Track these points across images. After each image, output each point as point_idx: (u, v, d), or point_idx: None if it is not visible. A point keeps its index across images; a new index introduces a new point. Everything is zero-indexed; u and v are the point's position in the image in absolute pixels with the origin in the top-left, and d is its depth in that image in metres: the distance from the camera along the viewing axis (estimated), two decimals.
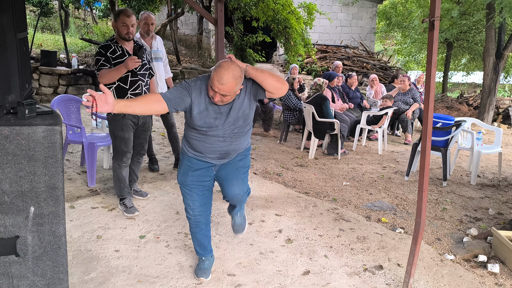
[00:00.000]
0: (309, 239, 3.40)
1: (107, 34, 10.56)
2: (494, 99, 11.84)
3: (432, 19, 2.30)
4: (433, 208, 4.29)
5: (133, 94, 3.51)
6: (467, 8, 12.53)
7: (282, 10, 8.89)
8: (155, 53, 4.57)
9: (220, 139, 2.44)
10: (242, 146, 2.58)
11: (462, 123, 5.19)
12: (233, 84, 2.18)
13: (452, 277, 2.94)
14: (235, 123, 2.42)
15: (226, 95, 2.20)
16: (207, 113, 2.35)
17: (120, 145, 3.57)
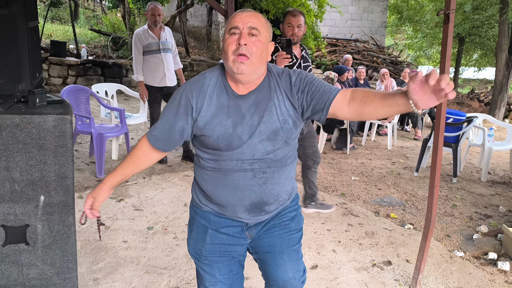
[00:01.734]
0: (317, 234, 3.39)
1: (116, 25, 10.57)
2: (506, 95, 11.69)
3: (448, 11, 2.25)
4: (443, 204, 4.25)
5: None
6: (480, 2, 12.35)
7: (293, 3, 8.81)
8: (164, 44, 4.57)
9: (247, 174, 1.52)
10: (285, 188, 1.62)
11: (473, 119, 5.13)
12: (261, 18, 1.48)
13: (462, 274, 2.91)
14: (270, 137, 1.50)
15: (255, 28, 1.43)
16: (221, 118, 1.48)
17: None
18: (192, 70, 10.04)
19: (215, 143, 1.49)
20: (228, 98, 1.49)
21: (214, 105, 1.48)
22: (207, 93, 1.49)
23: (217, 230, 1.62)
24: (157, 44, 4.52)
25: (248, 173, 1.51)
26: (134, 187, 4.07)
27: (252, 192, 1.54)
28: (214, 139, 1.48)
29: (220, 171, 1.53)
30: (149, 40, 4.49)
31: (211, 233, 1.62)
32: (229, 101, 1.49)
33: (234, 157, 1.50)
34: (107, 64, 8.90)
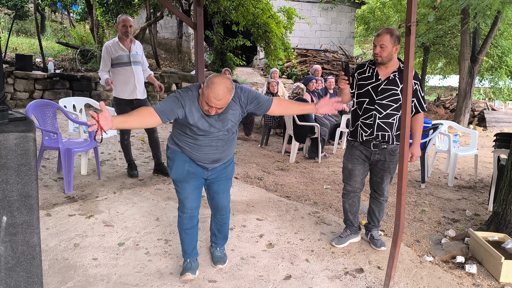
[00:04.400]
0: (290, 243, 3.40)
1: (85, 37, 10.40)
2: (470, 102, 12.12)
3: (409, 24, 2.33)
4: (412, 210, 4.35)
5: (363, 123, 3.10)
6: (443, 13, 12.80)
7: (262, 14, 8.92)
8: (134, 57, 4.53)
9: (213, 148, 2.55)
10: (232, 151, 2.72)
11: (439, 126, 5.29)
12: (228, 97, 2.31)
13: (431, 278, 2.97)
14: (228, 131, 2.56)
15: (221, 109, 2.35)
16: (202, 121, 2.44)
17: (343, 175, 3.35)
18: (162, 82, 9.97)
19: (197, 132, 2.48)
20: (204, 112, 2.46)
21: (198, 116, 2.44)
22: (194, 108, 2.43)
23: (190, 166, 2.62)
24: (127, 56, 4.47)
25: (212, 148, 2.56)
26: (104, 202, 3.99)
27: (214, 155, 2.59)
28: (196, 129, 2.47)
29: (196, 143, 2.54)
30: (119, 52, 4.45)
31: (187, 168, 2.62)
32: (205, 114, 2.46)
33: (205, 143, 2.53)
34: (75, 77, 8.73)
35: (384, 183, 3.25)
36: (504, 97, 17.88)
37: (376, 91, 3.02)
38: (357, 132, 3.14)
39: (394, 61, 3.01)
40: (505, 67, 14.29)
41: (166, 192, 4.35)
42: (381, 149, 3.11)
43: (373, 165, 3.24)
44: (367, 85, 3.06)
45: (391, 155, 3.13)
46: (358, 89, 3.12)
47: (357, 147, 3.18)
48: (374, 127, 3.05)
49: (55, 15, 16.38)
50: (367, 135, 3.09)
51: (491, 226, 3.58)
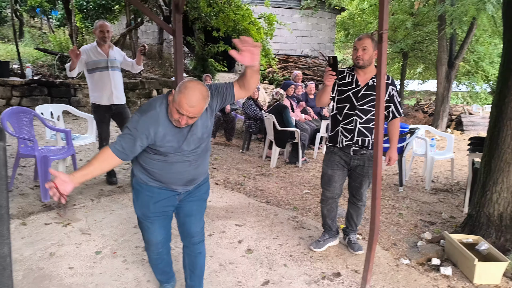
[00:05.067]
0: (269, 249, 3.41)
1: (64, 43, 10.27)
2: (448, 106, 12.37)
3: (381, 32, 2.38)
4: (390, 213, 4.41)
5: (344, 128, 3.13)
6: (420, 19, 13.07)
7: (242, 21, 8.97)
8: (112, 61, 4.49)
9: (186, 164, 2.22)
10: (206, 167, 2.40)
11: (415, 131, 5.38)
12: (203, 105, 2.00)
13: (407, 281, 3.02)
14: (200, 141, 2.23)
15: (194, 117, 2.02)
16: (169, 138, 2.12)
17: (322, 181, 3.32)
18: (143, 88, 9.91)
19: (165, 152, 2.15)
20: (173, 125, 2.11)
21: (165, 129, 2.09)
22: (161, 123, 2.08)
23: (158, 199, 2.30)
24: (105, 61, 4.43)
25: (185, 164, 2.23)
26: (82, 210, 3.94)
27: (189, 174, 2.26)
28: (164, 150, 2.15)
29: (166, 160, 2.19)
30: (97, 57, 4.40)
31: (154, 202, 2.29)
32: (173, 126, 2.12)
33: (177, 160, 2.20)
34: (54, 83, 8.61)
35: (363, 188, 3.28)
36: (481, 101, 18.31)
37: (356, 97, 3.06)
38: (338, 137, 3.16)
39: (372, 67, 3.07)
40: (481, 72, 14.65)
41: None
42: (361, 154, 3.15)
43: (352, 171, 3.25)
44: (347, 91, 3.09)
45: (370, 160, 3.17)
46: (338, 95, 3.14)
47: (336, 152, 3.19)
48: (355, 132, 3.08)
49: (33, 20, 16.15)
50: (347, 140, 3.11)
51: (466, 229, 3.66)
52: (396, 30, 13.83)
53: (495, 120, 3.48)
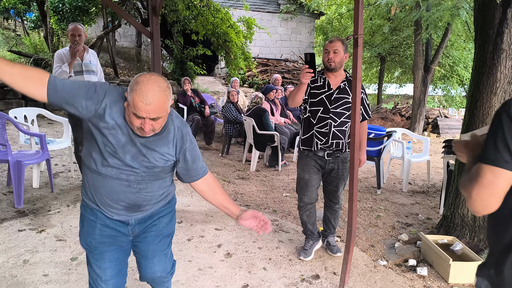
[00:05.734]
0: (248, 252, 3.41)
1: (39, 46, 10.08)
2: (424, 109, 12.60)
3: (356, 36, 2.41)
4: (368, 215, 4.46)
5: (318, 132, 3.10)
6: (397, 24, 13.31)
7: (222, 24, 8.97)
8: (87, 65, 4.42)
9: (123, 183, 1.75)
10: (156, 195, 1.86)
11: (392, 134, 5.47)
12: (163, 100, 1.58)
13: (385, 282, 3.06)
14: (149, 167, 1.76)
15: (157, 117, 1.59)
16: (119, 131, 1.67)
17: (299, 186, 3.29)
18: None
19: (103, 145, 1.68)
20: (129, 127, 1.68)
21: (120, 121, 1.67)
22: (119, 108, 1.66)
23: (104, 224, 1.84)
24: (79, 65, 4.35)
25: (123, 182, 1.75)
26: (57, 216, 3.86)
27: (126, 196, 1.78)
28: (104, 140, 1.67)
29: (100, 175, 1.74)
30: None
31: (100, 227, 1.84)
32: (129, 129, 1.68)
33: (113, 166, 1.71)
34: None
35: (339, 191, 3.31)
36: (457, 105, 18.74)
37: (329, 100, 3.07)
38: (312, 141, 3.15)
39: (342, 70, 3.10)
40: (456, 76, 14.98)
41: None
42: (335, 157, 3.17)
43: (326, 175, 3.25)
44: (320, 94, 3.09)
45: (343, 162, 3.20)
46: (311, 98, 3.13)
47: (311, 157, 3.17)
48: (329, 135, 3.09)
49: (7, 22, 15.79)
50: (322, 143, 3.12)
51: (441, 229, 3.73)
52: (373, 34, 14.06)
53: (468, 124, 3.56)
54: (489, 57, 3.36)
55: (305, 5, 15.08)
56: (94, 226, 1.84)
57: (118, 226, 1.86)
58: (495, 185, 1.13)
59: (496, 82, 3.33)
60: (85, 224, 1.86)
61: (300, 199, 3.31)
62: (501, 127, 1.13)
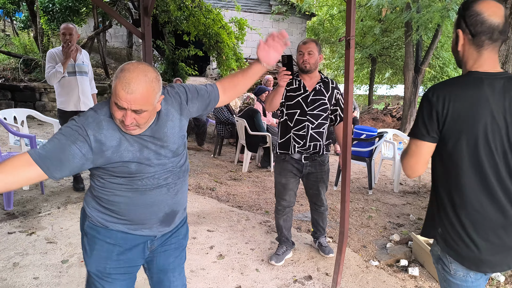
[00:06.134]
0: (241, 254, 3.40)
1: (28, 46, 9.99)
2: (415, 110, 12.67)
3: (348, 38, 2.42)
4: (360, 216, 4.48)
5: (296, 134, 3.06)
6: (388, 25, 13.38)
7: (213, 25, 8.96)
8: (80, 66, 4.40)
9: (163, 190, 1.62)
10: (185, 195, 1.80)
11: (384, 134, 5.50)
12: (148, 90, 1.42)
13: (377, 282, 3.07)
14: (176, 151, 1.64)
15: (140, 110, 1.42)
16: (126, 144, 1.51)
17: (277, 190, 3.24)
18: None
19: (125, 168, 1.51)
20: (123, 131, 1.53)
21: (118, 136, 1.49)
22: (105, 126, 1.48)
23: (124, 247, 1.66)
24: (72, 66, 4.32)
25: (162, 190, 1.61)
26: (48, 218, 3.83)
27: (167, 203, 1.65)
28: (122, 164, 1.50)
29: (136, 191, 1.57)
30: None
31: (118, 251, 1.65)
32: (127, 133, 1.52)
33: (147, 176, 1.56)
34: (18, 87, 8.36)
35: (322, 193, 3.26)
36: None
37: (306, 102, 3.03)
38: (289, 144, 3.09)
39: (316, 72, 3.08)
40: (446, 77, 15.12)
41: None
42: (312, 160, 3.12)
43: (305, 179, 3.21)
44: (296, 97, 3.05)
45: (321, 165, 3.16)
46: (287, 101, 3.07)
47: (288, 161, 3.11)
48: (307, 138, 3.04)
49: None
50: (300, 146, 3.06)
51: None
52: (365, 36, 14.13)
53: None
54: None
55: (297, 6, 15.12)
56: (112, 250, 1.63)
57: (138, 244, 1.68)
58: (418, 154, 1.54)
59: None
60: (97, 248, 1.63)
61: (278, 202, 3.25)
62: (421, 108, 1.52)
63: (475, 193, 1.49)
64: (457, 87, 1.51)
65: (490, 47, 1.53)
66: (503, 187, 1.49)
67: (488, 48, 1.53)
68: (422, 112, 1.53)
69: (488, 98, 1.48)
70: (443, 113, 1.48)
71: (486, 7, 1.51)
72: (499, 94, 1.48)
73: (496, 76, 1.52)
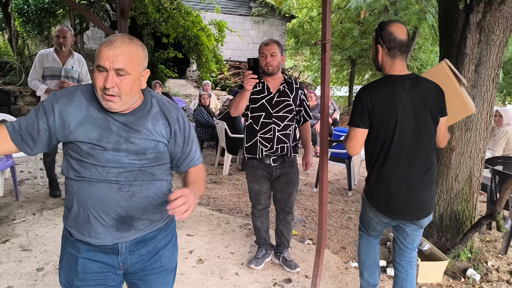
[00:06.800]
0: (220, 258, 3.38)
1: (3, 48, 9.76)
2: None
3: (324, 41, 2.43)
4: (339, 217, 4.51)
5: (262, 138, 2.98)
6: (366, 27, 13.53)
7: (193, 27, 8.91)
8: (67, 71, 4.25)
9: (112, 187, 1.47)
10: (153, 203, 1.55)
11: None
12: (132, 51, 1.40)
13: (356, 283, 3.09)
14: (138, 152, 1.48)
15: (123, 70, 1.37)
16: (87, 127, 1.44)
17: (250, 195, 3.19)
18: None
19: (76, 146, 1.44)
20: (99, 110, 1.46)
21: (82, 114, 1.44)
22: (74, 101, 1.45)
23: (88, 258, 1.53)
24: (59, 69, 4.19)
25: (111, 185, 1.46)
26: (22, 225, 3.74)
27: (117, 203, 1.48)
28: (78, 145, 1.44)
29: (84, 181, 1.46)
30: (51, 63, 4.17)
31: (82, 262, 1.53)
32: (99, 113, 1.46)
33: (98, 164, 1.45)
34: None
35: (291, 198, 3.16)
36: None
37: (271, 104, 2.97)
38: (257, 148, 3.01)
39: (279, 73, 3.04)
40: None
41: None
42: (281, 162, 3.06)
43: (276, 182, 3.12)
44: (261, 99, 2.98)
45: (291, 166, 3.10)
46: (252, 103, 3.00)
47: (258, 166, 3.05)
48: (274, 140, 2.97)
49: None
50: (267, 150, 2.99)
51: None
52: (344, 38, 14.26)
53: None
54: (453, 61, 3.45)
55: (276, 8, 15.17)
56: (76, 261, 1.53)
57: (105, 258, 1.54)
58: (355, 138, 2.18)
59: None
60: (65, 258, 1.57)
61: (254, 206, 3.21)
62: (355, 104, 2.15)
63: (392, 162, 2.12)
64: (378, 87, 2.14)
65: (400, 57, 2.15)
66: (410, 159, 2.12)
67: (399, 57, 2.15)
68: (356, 107, 2.15)
69: (401, 93, 2.09)
70: (371, 106, 2.09)
71: (396, 28, 2.13)
72: (408, 90, 2.10)
73: (405, 77, 2.13)
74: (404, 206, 2.17)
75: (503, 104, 20.42)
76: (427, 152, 2.14)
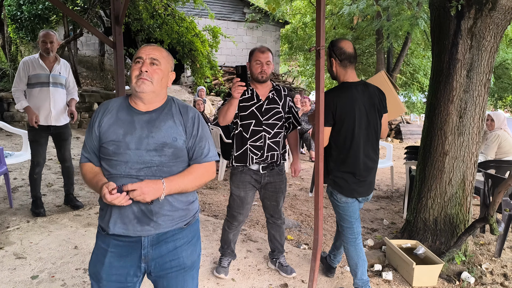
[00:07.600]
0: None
1: None
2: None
3: (318, 48, 2.46)
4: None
5: (253, 146, 2.94)
6: (359, 33, 13.66)
7: (187, 33, 8.94)
8: (55, 77, 4.14)
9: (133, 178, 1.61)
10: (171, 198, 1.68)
11: None
12: (164, 52, 1.76)
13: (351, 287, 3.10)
14: (157, 148, 1.64)
15: (156, 60, 1.68)
16: (115, 127, 1.67)
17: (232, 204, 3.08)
18: (83, 102, 9.56)
19: (106, 148, 1.65)
20: (126, 113, 1.70)
21: (113, 118, 1.69)
22: (109, 110, 1.72)
23: (116, 253, 1.68)
24: (46, 76, 4.07)
25: (134, 180, 1.60)
26: (16, 232, 3.71)
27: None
28: (105, 144, 1.66)
29: (111, 178, 1.62)
30: (37, 70, 4.04)
31: (110, 256, 1.68)
32: (127, 115, 1.69)
33: (121, 161, 1.62)
34: None
35: (280, 205, 3.15)
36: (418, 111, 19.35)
37: (260, 112, 2.93)
38: (247, 156, 2.95)
39: (269, 81, 3.02)
40: (417, 83, 15.50)
41: (86, 218, 4.14)
42: (270, 170, 3.03)
43: (263, 190, 3.08)
44: (250, 106, 2.93)
45: (279, 174, 3.08)
46: (241, 111, 2.95)
47: (246, 172, 2.98)
48: (264, 148, 2.94)
49: None
50: (258, 157, 2.95)
51: (405, 234, 3.83)
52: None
53: (427, 130, 3.69)
54: (445, 67, 3.50)
55: (270, 14, 15.26)
56: (104, 255, 1.68)
57: (130, 253, 1.67)
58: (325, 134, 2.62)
59: (452, 91, 3.47)
60: (95, 251, 1.73)
61: (233, 217, 3.09)
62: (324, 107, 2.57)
63: (353, 152, 2.61)
64: (339, 92, 2.62)
65: (351, 67, 2.68)
66: (365, 148, 2.64)
67: (350, 67, 2.67)
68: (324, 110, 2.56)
69: (357, 97, 2.61)
70: (334, 108, 2.57)
71: (344, 44, 2.65)
72: (362, 93, 2.63)
73: (357, 83, 2.67)
74: (366, 186, 2.72)
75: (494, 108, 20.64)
76: (376, 142, 2.71)
